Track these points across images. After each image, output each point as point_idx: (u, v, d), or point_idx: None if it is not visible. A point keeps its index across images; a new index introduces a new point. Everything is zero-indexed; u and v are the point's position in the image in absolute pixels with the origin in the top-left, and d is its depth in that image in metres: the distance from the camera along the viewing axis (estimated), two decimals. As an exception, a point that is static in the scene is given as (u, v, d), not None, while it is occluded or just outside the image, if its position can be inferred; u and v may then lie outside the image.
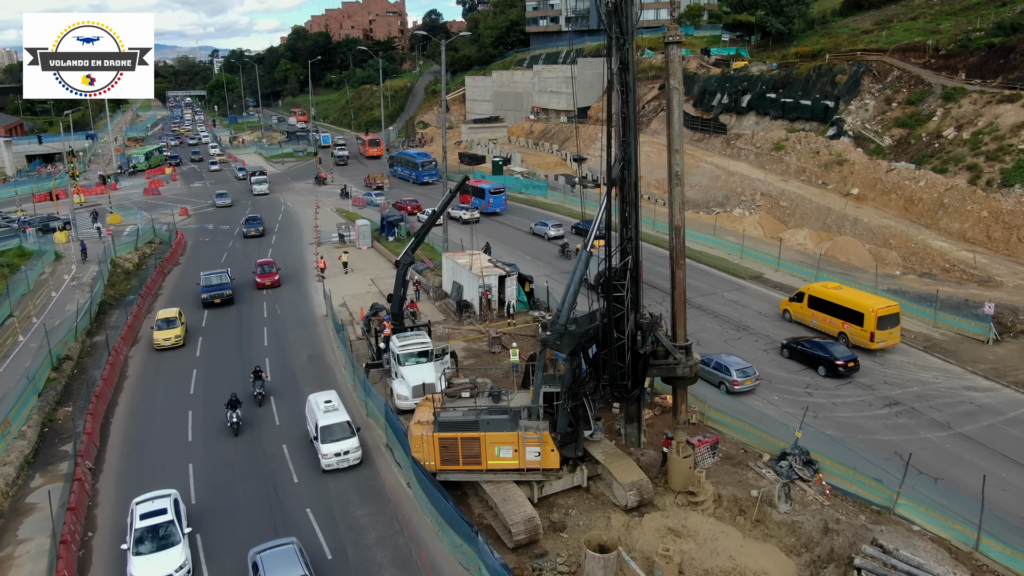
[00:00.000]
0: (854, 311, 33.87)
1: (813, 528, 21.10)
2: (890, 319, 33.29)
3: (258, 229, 61.70)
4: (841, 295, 35.23)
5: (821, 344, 32.54)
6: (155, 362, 35.89)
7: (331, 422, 25.83)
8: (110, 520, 23.17)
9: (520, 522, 20.92)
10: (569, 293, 21.63)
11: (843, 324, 34.34)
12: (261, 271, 47.11)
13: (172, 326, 37.33)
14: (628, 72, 20.12)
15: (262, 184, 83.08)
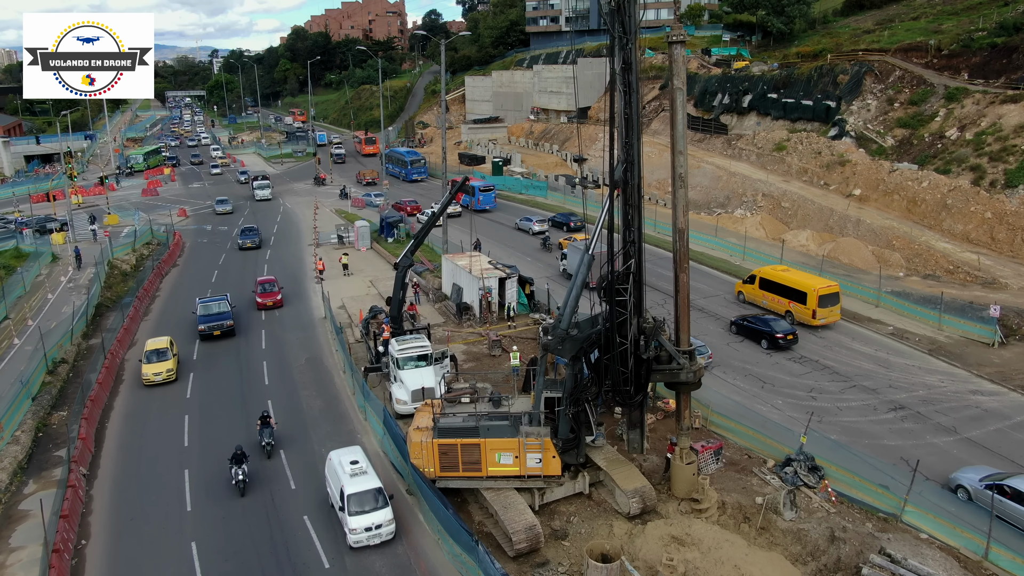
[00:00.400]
0: (798, 291, 36.91)
1: (819, 536, 20.74)
2: (830, 298, 36.36)
3: (254, 241, 57.01)
4: (787, 276, 38.21)
5: (764, 320, 35.61)
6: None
7: (360, 489, 21.58)
8: (104, 528, 22.81)
9: (521, 530, 20.55)
10: (571, 297, 21.28)
11: (789, 303, 37.19)
12: (262, 290, 43.11)
13: (163, 358, 32.97)
14: (631, 72, 19.76)
15: (264, 189, 79.61)
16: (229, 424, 29.26)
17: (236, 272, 51.31)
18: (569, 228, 57.16)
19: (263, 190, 79.66)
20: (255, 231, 58.69)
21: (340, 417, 29.43)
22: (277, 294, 43.03)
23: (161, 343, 34.18)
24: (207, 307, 38.90)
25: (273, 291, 43.08)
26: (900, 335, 35.79)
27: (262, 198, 78.42)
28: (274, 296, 42.74)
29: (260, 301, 42.33)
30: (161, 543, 22.02)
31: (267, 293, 42.87)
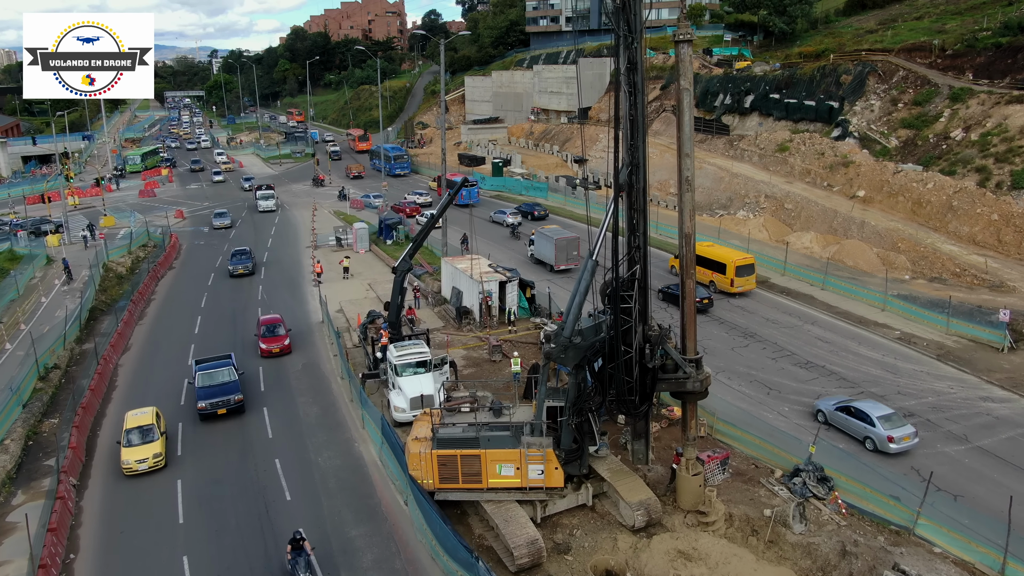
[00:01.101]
0: (719, 263, 41.67)
1: (830, 550, 20.12)
2: (746, 268, 41.38)
3: (247, 266, 49.57)
4: (710, 251, 42.48)
5: None
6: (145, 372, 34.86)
7: None
8: (94, 541, 22.18)
9: (522, 544, 19.93)
10: (574, 304, 20.64)
11: (712, 274, 41.87)
12: (266, 333, 36.00)
13: (147, 438, 25.88)
14: (636, 72, 19.14)
15: (269, 200, 73.06)
16: (224, 431, 28.61)
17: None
18: (534, 217, 62.19)
19: (267, 200, 73.28)
20: (247, 255, 51.15)
21: (337, 425, 28.81)
22: (284, 338, 35.89)
23: (144, 418, 26.61)
24: (209, 377, 29.98)
25: (279, 334, 35.99)
26: (907, 340, 35.20)
27: (266, 209, 71.94)
28: (281, 341, 35.64)
29: (264, 347, 35.30)
30: (152, 557, 21.39)
31: (273, 337, 35.82)
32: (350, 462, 26.05)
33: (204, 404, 29.06)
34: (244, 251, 51.88)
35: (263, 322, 37.16)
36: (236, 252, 51.62)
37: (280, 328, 36.55)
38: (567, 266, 46.86)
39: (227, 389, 29.65)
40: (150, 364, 35.58)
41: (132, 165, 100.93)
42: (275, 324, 36.70)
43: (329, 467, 25.76)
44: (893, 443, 25.10)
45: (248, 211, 72.75)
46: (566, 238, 47.69)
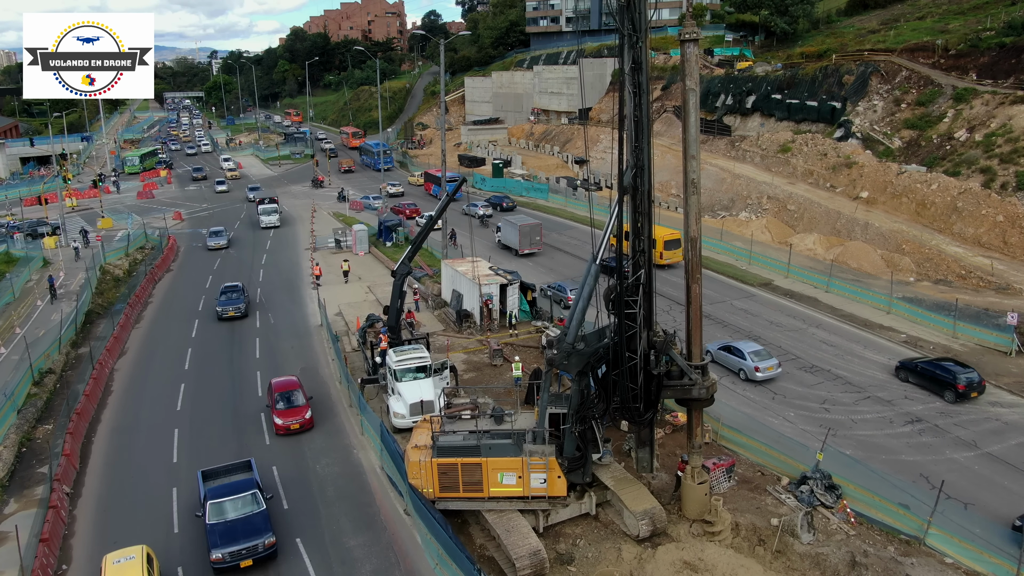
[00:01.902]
0: None
1: (839, 561, 19.67)
2: (674, 243, 44.87)
3: (238, 308, 40.86)
4: None
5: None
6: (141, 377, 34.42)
7: None
8: (87, 552, 21.69)
9: (525, 555, 19.49)
10: (577, 310, 20.20)
11: None
12: (282, 403, 28.06)
13: None
14: (641, 72, 18.68)
15: (272, 215, 64.70)
16: (220, 438, 28.17)
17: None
18: (502, 208, 66.27)
19: (270, 216, 64.65)
20: (239, 293, 42.33)
21: (336, 431, 28.36)
22: (305, 409, 28.03)
23: (131, 569, 18.82)
24: (221, 508, 21.71)
25: (298, 404, 28.15)
26: (913, 343, 34.76)
27: (269, 226, 63.84)
28: (300, 414, 27.81)
29: (280, 423, 27.54)
30: (146, 568, 20.90)
31: (290, 410, 27.90)
32: (348, 469, 25.61)
33: (220, 555, 20.34)
34: (235, 288, 42.95)
35: (276, 388, 28.99)
36: (226, 289, 42.59)
37: (298, 396, 28.64)
38: (530, 250, 51.33)
39: (252, 527, 21.04)
40: (146, 369, 35.13)
41: (130, 166, 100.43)
42: (292, 391, 28.75)
43: (327, 475, 25.32)
44: (759, 372, 30.78)
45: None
46: (529, 224, 52.66)
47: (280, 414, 27.98)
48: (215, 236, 58.51)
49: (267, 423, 29.07)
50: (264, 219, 64.60)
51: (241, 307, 41.20)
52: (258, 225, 64.73)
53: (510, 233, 52.93)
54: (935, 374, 29.66)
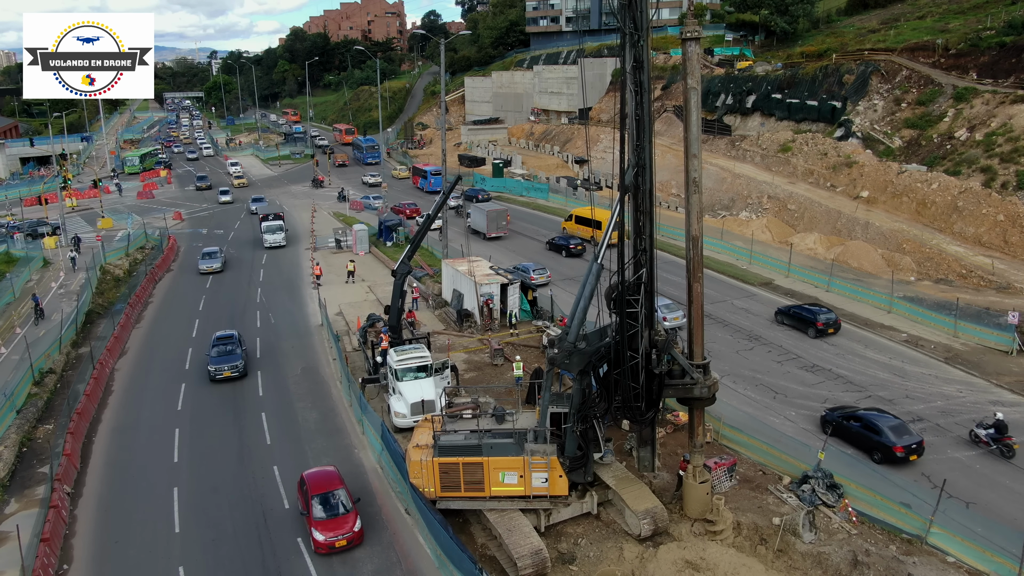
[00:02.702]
0: (596, 221, 47.35)
1: (841, 560, 19.65)
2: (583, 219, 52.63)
3: (235, 366, 32.42)
4: (587, 213, 52.01)
5: (565, 240, 52.75)
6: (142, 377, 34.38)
7: None
8: (88, 551, 21.69)
9: (526, 555, 19.46)
10: (579, 308, 20.17)
11: (591, 230, 49.69)
12: (323, 510, 21.48)
13: None
14: (642, 71, 18.66)
15: (277, 233, 57.28)
16: (221, 437, 28.15)
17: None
18: (478, 200, 68.02)
19: (275, 234, 57.09)
20: (235, 346, 33.66)
21: (336, 431, 28.34)
22: (352, 519, 21.35)
23: None
24: None
25: (342, 512, 21.51)
26: (914, 342, 34.74)
27: (273, 245, 56.68)
28: (346, 526, 21.15)
29: (321, 539, 20.84)
30: (147, 568, 20.90)
31: (335, 519, 21.26)
32: (349, 469, 25.49)
33: None
34: (230, 338, 34.24)
35: (312, 484, 22.40)
36: (220, 339, 34.16)
37: (341, 498, 21.88)
38: (497, 234, 56.08)
39: None
40: (147, 368, 35.09)
41: (130, 166, 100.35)
42: (332, 492, 22.05)
43: (328, 474, 25.25)
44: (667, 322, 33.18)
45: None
46: (495, 210, 57.93)
47: (320, 526, 21.00)
48: (208, 258, 51.07)
49: (266, 423, 29.05)
50: (268, 238, 57.12)
51: (239, 364, 32.63)
52: (260, 243, 57.85)
53: (479, 218, 57.68)
54: (801, 314, 36.36)
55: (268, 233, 57.38)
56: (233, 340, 34.43)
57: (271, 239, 56.95)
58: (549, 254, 51.63)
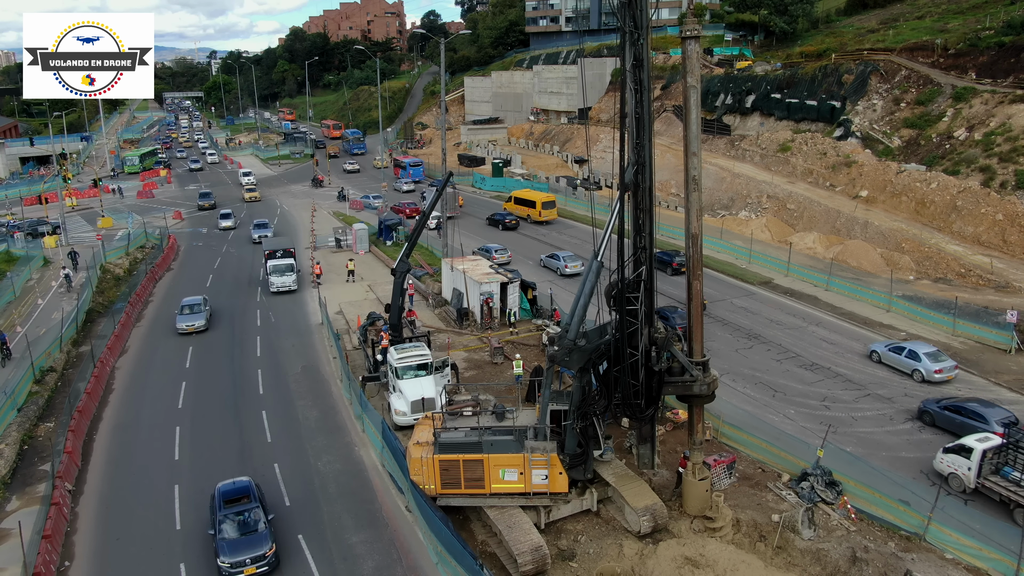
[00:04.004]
0: (531, 201, 61.93)
1: (840, 557, 19.73)
2: (549, 204, 61.61)
3: (250, 521, 20.91)
4: (525, 195, 63.50)
5: (502, 216, 60.89)
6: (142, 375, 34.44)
7: None
8: (89, 548, 21.76)
9: (527, 551, 19.54)
10: (579, 306, 20.25)
11: (528, 209, 61.27)
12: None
13: None
14: (642, 69, 18.74)
15: (286, 275, 45.18)
16: (222, 435, 28.21)
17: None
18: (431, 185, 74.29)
19: (284, 276, 45.11)
20: (249, 499, 21.82)
21: (337, 429, 28.41)
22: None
23: None
24: None
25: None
26: (913, 341, 34.78)
27: (281, 289, 44.92)
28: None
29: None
30: (149, 564, 20.97)
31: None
32: (350, 467, 25.66)
33: None
34: (241, 490, 22.06)
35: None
36: (224, 495, 21.86)
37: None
38: (450, 215, 56.68)
39: None
40: (148, 367, 35.14)
41: (130, 166, 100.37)
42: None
43: (329, 472, 25.37)
44: None
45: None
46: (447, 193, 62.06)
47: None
48: (188, 315, 39.13)
49: (267, 421, 29.12)
50: (275, 280, 44.91)
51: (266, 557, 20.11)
52: (264, 283, 46.34)
53: None
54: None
55: (275, 275, 45.24)
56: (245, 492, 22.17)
57: (279, 282, 44.94)
58: (489, 228, 60.04)
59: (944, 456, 23.47)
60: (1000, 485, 21.92)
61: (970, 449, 22.54)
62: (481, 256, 45.30)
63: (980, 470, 22.23)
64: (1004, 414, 25.40)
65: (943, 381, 29.90)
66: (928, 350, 30.91)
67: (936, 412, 26.76)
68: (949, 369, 30.12)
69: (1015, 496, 21.46)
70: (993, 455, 22.32)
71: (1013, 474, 21.95)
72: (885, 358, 31.88)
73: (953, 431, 25.73)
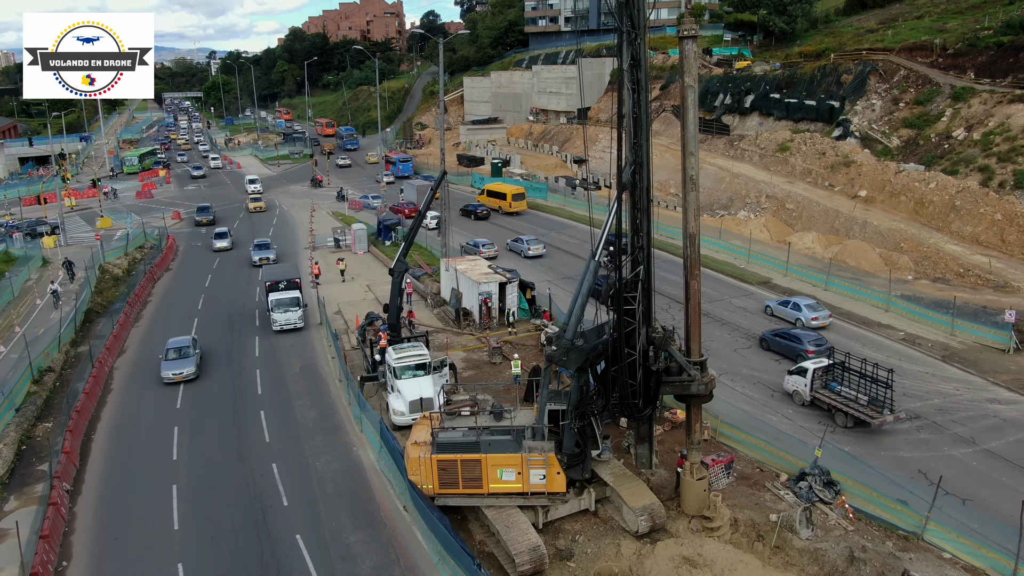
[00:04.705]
0: (502, 193, 65.88)
1: (838, 556, 19.73)
2: (519, 196, 65.67)
3: None
4: (496, 187, 68.09)
5: (474, 207, 64.33)
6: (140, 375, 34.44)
7: None
8: (87, 548, 21.74)
9: (524, 551, 19.53)
10: (576, 305, 20.25)
11: (499, 201, 65.54)
12: None
13: None
14: (640, 68, 18.75)
15: (291, 311, 38.49)
16: (220, 435, 28.20)
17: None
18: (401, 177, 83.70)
19: (287, 313, 38.42)
20: None
21: (335, 429, 28.39)
22: None
23: None
24: None
25: None
26: (912, 341, 34.84)
27: (285, 327, 38.40)
28: None
29: None
30: (146, 564, 20.95)
31: None
32: (348, 466, 25.64)
33: None
34: None
35: None
36: None
37: None
38: (406, 200, 65.66)
39: None
40: (146, 367, 35.09)
41: (129, 166, 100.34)
42: None
43: (327, 472, 25.36)
44: None
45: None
46: (423, 185, 67.12)
47: None
48: (174, 361, 33.09)
49: (265, 421, 29.10)
50: (278, 317, 38.35)
51: None
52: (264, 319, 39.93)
53: (410, 192, 68.72)
54: None
55: (279, 310, 38.44)
56: None
57: (283, 319, 38.21)
58: (462, 218, 62.55)
59: (789, 377, 29.26)
60: (827, 397, 27.76)
61: (805, 370, 28.46)
62: (469, 250, 48.46)
63: (812, 386, 28.16)
64: (815, 336, 33.06)
65: (820, 327, 35.94)
66: (808, 303, 37.49)
67: (769, 339, 34.28)
68: (824, 317, 36.63)
69: (836, 404, 27.32)
70: (822, 374, 28.37)
71: (837, 388, 27.91)
72: (776, 311, 38.14)
73: (782, 352, 33.23)
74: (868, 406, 26.53)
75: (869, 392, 26.81)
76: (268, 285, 41.46)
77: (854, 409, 26.60)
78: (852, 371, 27.64)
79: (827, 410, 27.60)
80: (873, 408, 26.36)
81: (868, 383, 26.81)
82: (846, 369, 27.90)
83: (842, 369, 28.04)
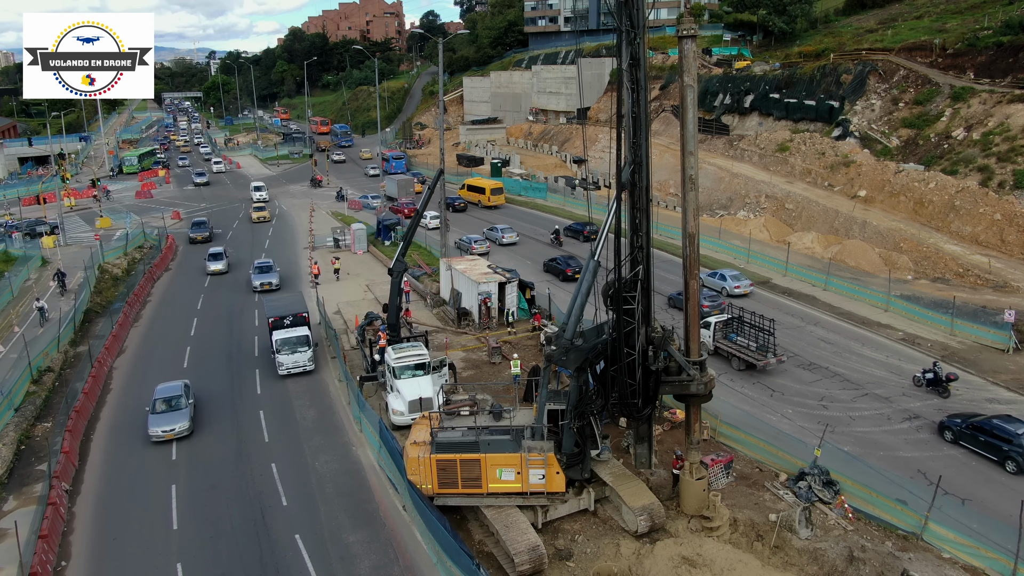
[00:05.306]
0: (481, 188, 69.67)
1: (837, 556, 19.72)
2: (497, 190, 69.51)
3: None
4: (476, 183, 71.43)
5: (452, 200, 65.48)
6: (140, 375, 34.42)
7: None
8: (86, 548, 21.73)
9: (523, 551, 19.52)
10: (576, 305, 20.25)
11: (478, 195, 69.11)
12: None
13: None
14: (639, 68, 18.74)
15: (299, 351, 33.14)
16: (219, 436, 28.17)
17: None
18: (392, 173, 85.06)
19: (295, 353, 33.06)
20: None
21: (334, 428, 28.39)
22: None
23: None
24: None
25: None
26: (911, 340, 34.84)
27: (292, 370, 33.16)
28: None
29: None
30: (145, 564, 20.96)
31: None
32: (347, 466, 25.64)
33: None
34: None
35: None
36: None
37: None
38: (406, 200, 68.54)
39: None
40: (145, 367, 35.09)
41: (129, 166, 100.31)
42: None
43: (326, 471, 25.35)
44: None
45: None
46: (404, 179, 74.78)
47: None
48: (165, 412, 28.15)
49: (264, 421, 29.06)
50: (284, 360, 33.00)
51: None
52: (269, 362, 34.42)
53: (391, 186, 73.53)
54: None
55: (285, 351, 33.10)
56: None
57: (289, 361, 33.06)
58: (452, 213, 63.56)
59: None
60: (727, 346, 32.34)
61: (708, 323, 32.64)
62: (462, 245, 51.36)
63: (715, 336, 32.48)
64: (710, 294, 39.11)
65: (741, 295, 40.76)
66: (733, 273, 42.64)
67: (675, 297, 37.93)
68: (745, 287, 41.48)
69: (734, 352, 31.90)
70: (723, 326, 32.98)
71: (735, 338, 32.47)
72: (705, 282, 41.63)
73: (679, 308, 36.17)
74: (756, 351, 31.45)
75: (758, 340, 31.74)
76: (271, 322, 35.34)
77: (744, 354, 31.44)
78: (746, 323, 32.49)
79: (726, 357, 32.15)
80: (760, 353, 31.30)
81: (757, 332, 31.83)
82: (743, 322, 32.72)
83: (739, 322, 32.80)
